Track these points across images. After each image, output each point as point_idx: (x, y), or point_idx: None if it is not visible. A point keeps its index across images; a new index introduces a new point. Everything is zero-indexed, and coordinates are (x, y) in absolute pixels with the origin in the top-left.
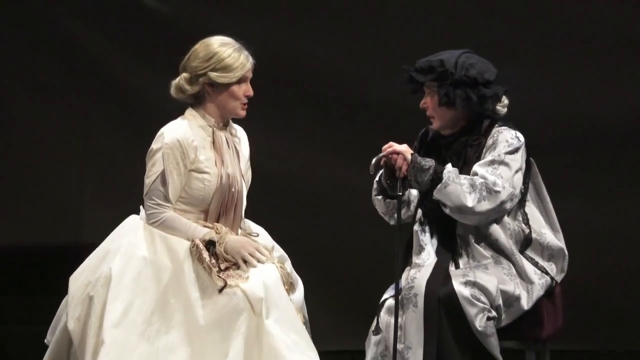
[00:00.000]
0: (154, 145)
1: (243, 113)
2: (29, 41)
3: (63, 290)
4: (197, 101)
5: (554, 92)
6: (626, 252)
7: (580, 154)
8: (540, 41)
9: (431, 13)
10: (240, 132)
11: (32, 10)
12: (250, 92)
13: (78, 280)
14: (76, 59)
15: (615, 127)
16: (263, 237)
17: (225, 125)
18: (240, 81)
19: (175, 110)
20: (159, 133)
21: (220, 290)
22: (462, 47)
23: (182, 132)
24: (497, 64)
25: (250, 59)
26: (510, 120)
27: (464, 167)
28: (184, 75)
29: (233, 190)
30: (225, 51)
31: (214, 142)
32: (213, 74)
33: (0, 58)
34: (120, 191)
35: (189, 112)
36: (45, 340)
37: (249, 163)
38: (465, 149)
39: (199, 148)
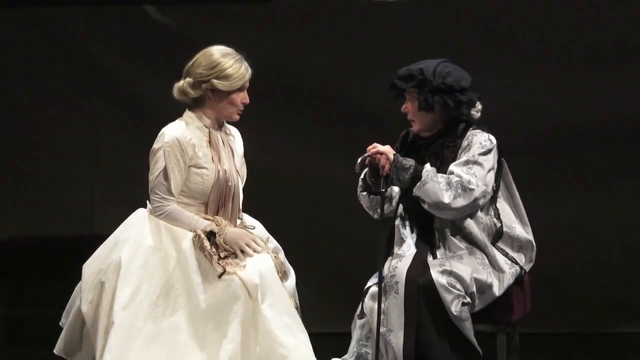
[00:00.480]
0: (156, 144)
1: (237, 118)
2: (47, 52)
3: (77, 277)
4: (195, 104)
5: (522, 99)
6: (589, 244)
7: (546, 154)
8: (509, 53)
9: (413, 27)
10: (234, 131)
11: (49, 22)
12: (247, 100)
13: (90, 267)
14: (88, 68)
15: (577, 129)
16: (259, 229)
17: (220, 126)
18: (239, 90)
19: (175, 113)
20: (159, 133)
21: (220, 276)
22: (440, 56)
23: (181, 131)
24: (472, 73)
25: (249, 70)
26: (483, 124)
27: (441, 167)
28: (188, 80)
29: (230, 184)
30: (228, 62)
31: (210, 141)
32: (216, 82)
33: (22, 68)
34: (127, 187)
35: (187, 114)
36: (60, 323)
37: (243, 159)
38: (442, 150)
39: (197, 146)
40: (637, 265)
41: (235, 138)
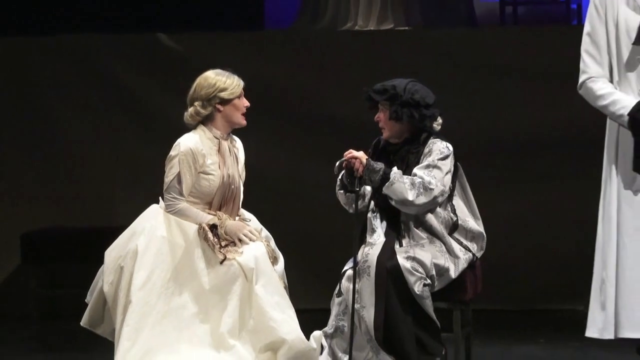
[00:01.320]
0: (172, 152)
1: (244, 122)
2: (76, 72)
3: (99, 262)
4: (206, 119)
5: (474, 114)
6: (530, 234)
7: (494, 160)
8: (463, 77)
9: (384, 52)
10: (238, 142)
11: (79, 47)
12: (247, 103)
13: (111, 254)
14: (111, 85)
15: (518, 139)
16: (254, 222)
17: (227, 136)
18: (239, 97)
19: (179, 123)
20: (176, 143)
21: (221, 262)
22: (407, 77)
23: (194, 142)
24: (435, 92)
25: (241, 81)
26: (442, 134)
27: (407, 170)
28: (197, 103)
29: (233, 187)
30: (222, 78)
31: (219, 149)
32: (221, 94)
33: (55, 86)
34: (141, 186)
35: (200, 128)
36: (85, 300)
37: (244, 165)
38: (407, 155)
39: (207, 155)
40: (569, 251)
41: (239, 148)
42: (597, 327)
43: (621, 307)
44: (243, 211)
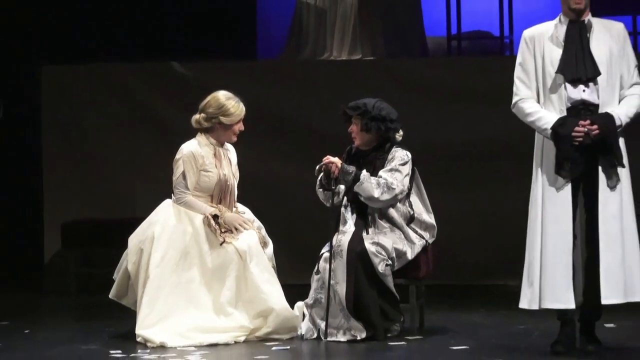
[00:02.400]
0: (177, 155)
1: (234, 140)
2: (106, 91)
3: (124, 246)
4: (206, 129)
5: (428, 127)
6: (472, 224)
7: (443, 165)
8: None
9: (357, 78)
10: (231, 148)
11: (108, 72)
12: (242, 128)
13: (133, 239)
14: (135, 103)
15: (463, 149)
16: (248, 214)
17: (221, 145)
18: (237, 122)
19: (187, 133)
20: (180, 148)
21: (221, 244)
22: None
23: (194, 146)
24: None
25: (244, 109)
26: (403, 144)
27: (374, 172)
28: (202, 115)
29: (228, 184)
30: (231, 103)
31: (215, 154)
32: (222, 118)
33: (89, 104)
34: (157, 184)
35: (199, 136)
36: (113, 277)
37: (237, 167)
38: (375, 161)
39: (205, 157)
40: (505, 238)
41: (231, 153)
42: (527, 299)
43: (544, 283)
44: (239, 205)
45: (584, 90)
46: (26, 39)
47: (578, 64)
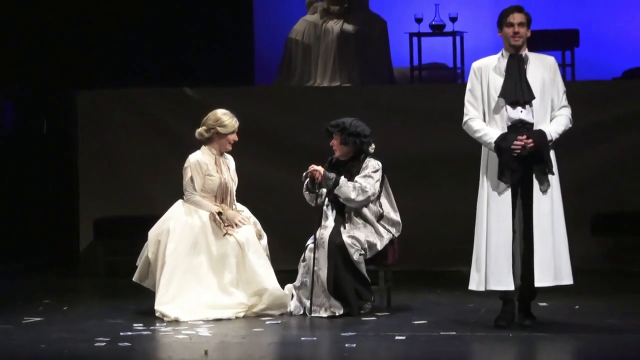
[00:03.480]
0: (186, 164)
1: (230, 148)
2: (131, 112)
3: (145, 238)
4: (207, 142)
5: (395, 141)
6: (433, 220)
7: (406, 172)
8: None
9: (334, 101)
10: (230, 158)
11: (132, 96)
12: (236, 139)
13: (152, 233)
14: (153, 121)
15: (425, 157)
16: (246, 212)
17: (221, 154)
18: (231, 133)
19: (196, 146)
20: (187, 158)
21: (224, 236)
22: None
23: (199, 156)
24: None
25: (237, 122)
26: (374, 155)
27: (350, 178)
28: (203, 127)
29: (228, 186)
30: (226, 117)
31: (215, 162)
32: (219, 129)
33: (118, 123)
34: (172, 188)
35: (203, 149)
36: (136, 264)
37: (235, 173)
38: (351, 169)
39: (208, 164)
40: (458, 231)
41: (230, 161)
42: (475, 282)
43: (489, 269)
44: (238, 204)
45: (521, 111)
46: (66, 67)
47: (517, 90)
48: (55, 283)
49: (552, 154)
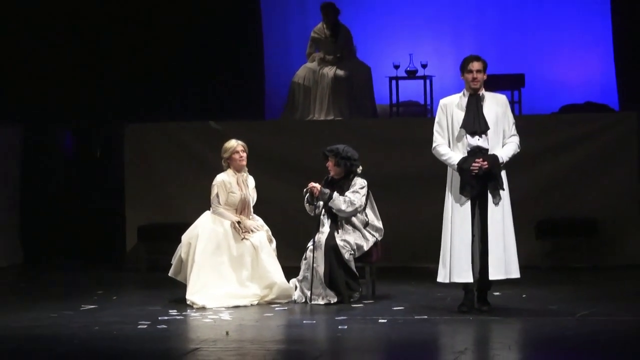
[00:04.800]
0: (213, 182)
1: (242, 163)
2: (166, 142)
3: (178, 241)
4: (227, 167)
5: (377, 164)
6: (407, 225)
7: (389, 187)
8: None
9: (329, 131)
10: (250, 177)
11: (168, 129)
12: (242, 155)
13: (185, 237)
14: (187, 149)
15: (401, 176)
16: (260, 221)
17: (240, 172)
18: (235, 152)
19: (220, 169)
20: (215, 177)
21: (242, 240)
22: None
23: (224, 176)
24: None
25: (235, 144)
26: (361, 175)
27: (342, 193)
28: (222, 158)
29: (246, 201)
30: (226, 145)
31: (237, 181)
32: (225, 154)
33: (156, 151)
34: (200, 200)
35: (227, 170)
36: (171, 261)
37: (254, 190)
38: (343, 186)
39: (232, 183)
40: (428, 234)
41: (250, 181)
42: (442, 276)
43: (453, 265)
44: (254, 215)
45: (478, 139)
46: (115, 103)
47: (475, 122)
48: (106, 277)
49: (503, 173)
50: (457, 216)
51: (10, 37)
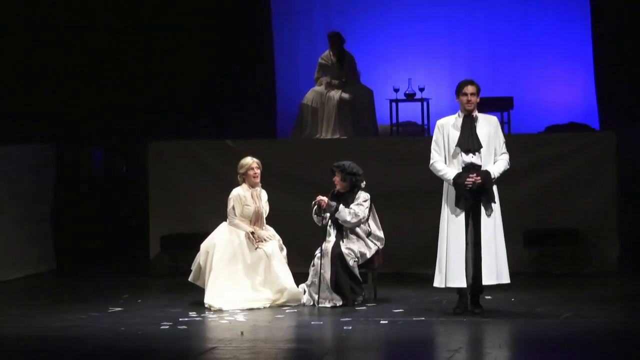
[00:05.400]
0: (229, 196)
1: (256, 180)
2: (189, 158)
3: (197, 249)
4: (242, 181)
5: (379, 178)
6: (406, 235)
7: (390, 200)
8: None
9: (335, 149)
10: (262, 191)
11: (190, 147)
12: (256, 172)
13: (203, 245)
14: (204, 163)
15: (401, 190)
16: (272, 231)
17: (254, 187)
18: (250, 169)
19: (237, 183)
20: (231, 191)
21: (256, 249)
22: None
23: (240, 191)
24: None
25: (250, 161)
26: (365, 188)
27: (347, 206)
28: (240, 172)
29: (260, 213)
30: (242, 162)
31: (252, 195)
32: (241, 170)
33: (178, 169)
34: (217, 212)
35: (242, 184)
36: (190, 267)
37: (267, 203)
38: (348, 199)
39: (247, 197)
40: (426, 243)
41: (263, 194)
42: (438, 281)
43: (448, 271)
44: (267, 225)
45: (472, 157)
46: (139, 123)
47: (469, 141)
48: (131, 282)
49: (495, 187)
50: (452, 226)
51: (46, 61)
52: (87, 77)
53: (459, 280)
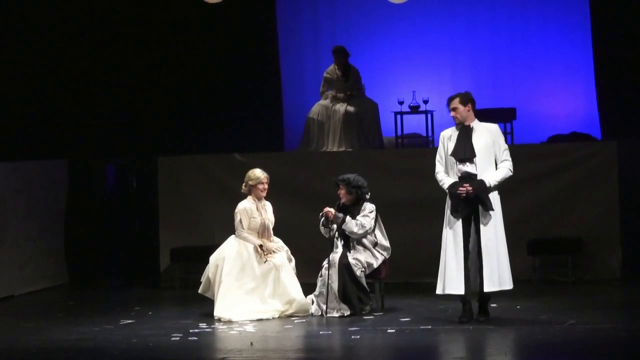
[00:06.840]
0: (236, 209)
1: (263, 195)
2: (195, 171)
3: (207, 262)
4: (249, 193)
5: (384, 190)
6: (411, 245)
7: (395, 210)
8: (379, 173)
9: (341, 161)
10: (268, 203)
11: (198, 161)
12: (265, 187)
13: (212, 258)
14: (212, 176)
15: (406, 200)
16: (280, 243)
17: (260, 200)
18: (260, 183)
19: (243, 196)
20: (238, 205)
21: (265, 262)
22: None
23: (246, 203)
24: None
25: (264, 175)
26: (370, 200)
27: (353, 217)
28: (244, 184)
29: (266, 225)
30: (255, 172)
31: (257, 208)
32: (250, 182)
33: (187, 180)
34: (226, 225)
35: (248, 197)
36: (200, 280)
37: (272, 215)
38: (354, 210)
39: (253, 210)
40: (429, 251)
41: (268, 207)
42: (440, 288)
43: (447, 277)
44: (274, 237)
45: (467, 166)
46: (148, 139)
47: (462, 151)
48: (143, 294)
49: (495, 195)
50: (450, 235)
51: (57, 77)
52: (97, 94)
53: (456, 287)
